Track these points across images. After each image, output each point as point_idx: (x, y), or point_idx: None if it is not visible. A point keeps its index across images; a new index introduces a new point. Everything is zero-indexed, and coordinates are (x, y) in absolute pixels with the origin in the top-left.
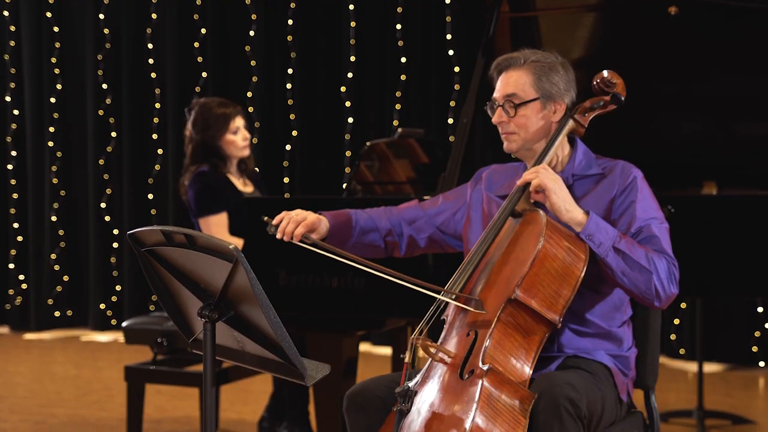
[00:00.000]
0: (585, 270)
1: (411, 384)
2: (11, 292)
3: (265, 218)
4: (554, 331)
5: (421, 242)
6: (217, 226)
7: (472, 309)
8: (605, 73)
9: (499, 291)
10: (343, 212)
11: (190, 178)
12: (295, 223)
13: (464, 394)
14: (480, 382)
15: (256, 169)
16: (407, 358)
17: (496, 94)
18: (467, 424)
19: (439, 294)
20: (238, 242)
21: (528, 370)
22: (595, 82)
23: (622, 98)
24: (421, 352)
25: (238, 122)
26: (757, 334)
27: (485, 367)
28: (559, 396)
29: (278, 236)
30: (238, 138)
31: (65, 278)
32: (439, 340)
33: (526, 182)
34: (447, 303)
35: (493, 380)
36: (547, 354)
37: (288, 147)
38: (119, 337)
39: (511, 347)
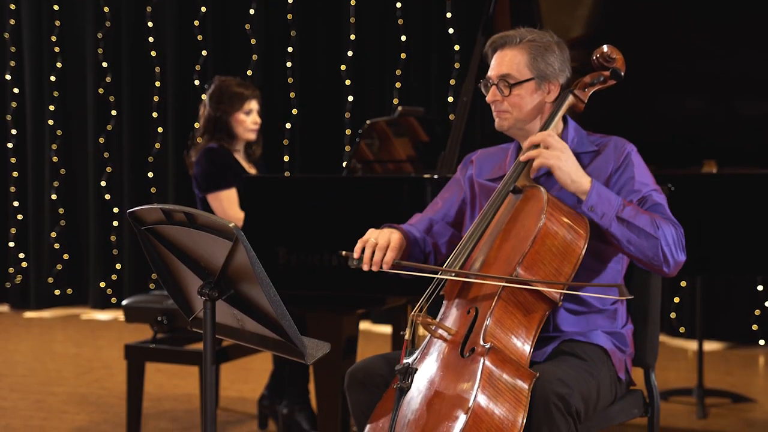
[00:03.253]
0: (586, 247)
1: (410, 361)
2: (11, 270)
3: (344, 252)
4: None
5: (442, 248)
6: (228, 201)
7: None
8: (605, 48)
9: (500, 268)
10: (396, 226)
11: (198, 154)
12: (381, 250)
13: (465, 373)
14: (481, 360)
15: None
16: (407, 335)
17: (490, 73)
18: (470, 403)
19: (437, 273)
20: None
21: (528, 349)
22: (594, 57)
23: (622, 73)
24: (421, 330)
25: (253, 105)
26: (757, 312)
27: (487, 345)
28: (549, 393)
29: (365, 269)
30: (249, 120)
31: (65, 256)
32: (438, 317)
33: (529, 159)
34: (446, 280)
35: (494, 359)
36: (543, 334)
37: (288, 125)
38: (119, 315)
39: (512, 325)
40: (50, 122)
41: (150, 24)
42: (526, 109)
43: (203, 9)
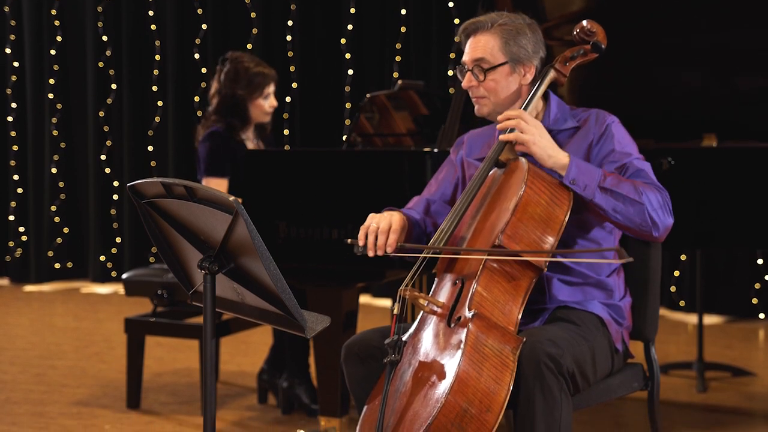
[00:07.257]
0: (568, 215)
1: (404, 336)
2: (11, 244)
3: (349, 240)
4: (543, 280)
5: None
6: (217, 187)
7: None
8: (584, 22)
9: (484, 239)
10: (395, 209)
11: (203, 136)
12: (384, 233)
13: (452, 341)
14: (466, 327)
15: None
16: (396, 309)
17: (465, 58)
18: (455, 369)
19: (420, 252)
20: None
21: (516, 315)
22: (575, 32)
23: (603, 46)
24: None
25: (272, 88)
26: (757, 286)
27: (471, 313)
28: (540, 353)
29: (371, 254)
30: (267, 104)
31: (65, 230)
32: (430, 293)
33: (507, 139)
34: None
35: (479, 325)
36: (537, 306)
37: (288, 99)
38: (119, 289)
39: (498, 293)
40: (50, 96)
41: None
42: (502, 94)
43: None
